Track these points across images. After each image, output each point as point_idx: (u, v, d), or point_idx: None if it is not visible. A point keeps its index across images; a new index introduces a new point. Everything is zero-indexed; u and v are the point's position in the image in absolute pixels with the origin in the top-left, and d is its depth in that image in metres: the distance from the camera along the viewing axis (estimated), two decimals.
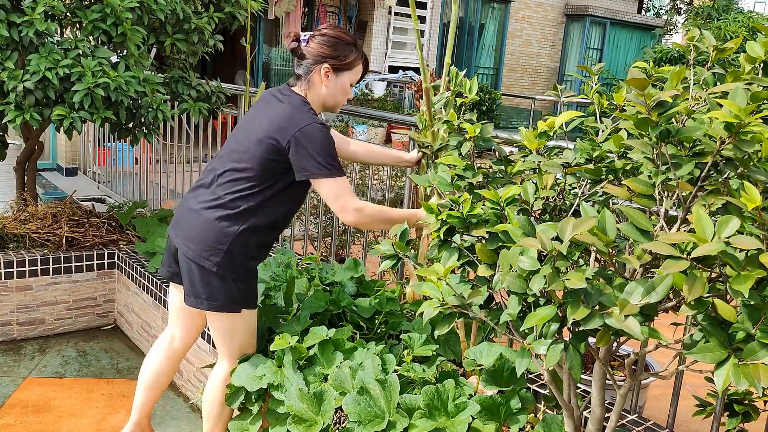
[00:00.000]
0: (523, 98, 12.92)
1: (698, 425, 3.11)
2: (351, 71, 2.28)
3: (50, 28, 3.39)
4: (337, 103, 2.32)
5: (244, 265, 2.25)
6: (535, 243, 1.33)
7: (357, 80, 2.34)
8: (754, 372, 1.17)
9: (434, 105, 2.37)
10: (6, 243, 3.88)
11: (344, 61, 2.24)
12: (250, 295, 2.31)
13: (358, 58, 2.28)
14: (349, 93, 2.32)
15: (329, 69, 2.23)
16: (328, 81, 2.24)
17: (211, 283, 2.23)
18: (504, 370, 2.13)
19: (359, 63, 2.29)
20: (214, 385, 2.42)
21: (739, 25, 10.97)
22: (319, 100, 2.28)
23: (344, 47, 2.24)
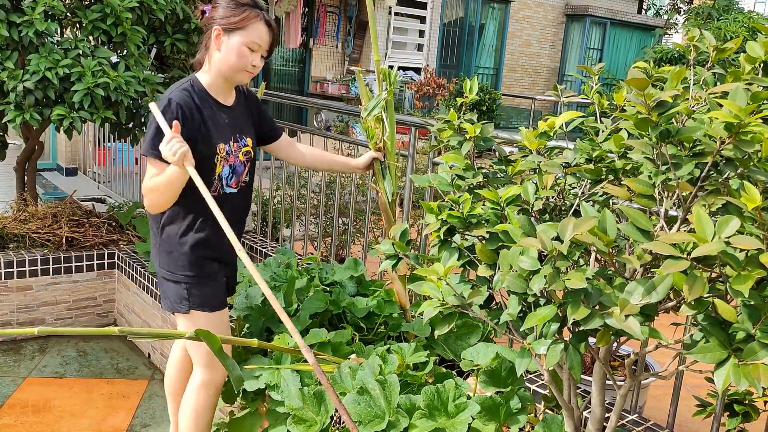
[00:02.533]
0: (523, 98, 12.92)
1: (698, 425, 3.11)
2: (244, 30, 2.11)
3: (50, 28, 3.39)
4: (234, 69, 2.14)
5: (177, 264, 2.19)
6: (535, 243, 1.33)
7: (260, 45, 2.15)
8: (754, 372, 1.17)
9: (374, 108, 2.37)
10: (6, 243, 3.88)
11: (233, 19, 2.10)
12: (201, 297, 2.20)
13: (251, 16, 2.12)
14: (246, 58, 2.13)
15: (219, 30, 2.11)
16: (219, 44, 2.12)
17: (162, 285, 2.26)
18: (502, 370, 2.13)
19: (254, 21, 2.12)
20: (188, 393, 2.32)
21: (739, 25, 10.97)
22: (216, 68, 2.16)
23: (236, 8, 2.12)
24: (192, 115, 2.12)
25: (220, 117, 2.21)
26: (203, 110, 2.16)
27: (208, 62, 2.19)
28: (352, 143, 3.92)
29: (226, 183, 2.24)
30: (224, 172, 2.22)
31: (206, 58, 2.20)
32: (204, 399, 2.30)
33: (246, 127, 2.32)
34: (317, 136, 4.03)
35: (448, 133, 1.85)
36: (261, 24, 2.15)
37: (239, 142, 2.26)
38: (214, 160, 2.18)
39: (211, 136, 2.17)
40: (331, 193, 4.50)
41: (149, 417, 3.12)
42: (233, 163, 2.24)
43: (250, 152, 2.31)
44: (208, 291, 2.23)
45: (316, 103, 4.98)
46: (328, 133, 3.85)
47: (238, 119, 2.29)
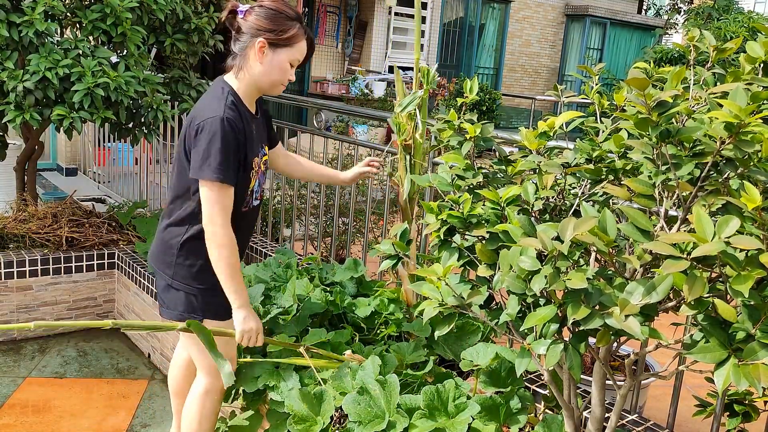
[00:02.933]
0: (523, 98, 12.92)
1: (698, 425, 3.11)
2: (290, 48, 2.04)
3: (50, 28, 3.39)
4: (273, 84, 2.09)
5: (195, 276, 2.13)
6: (535, 243, 1.33)
7: (300, 61, 2.10)
8: (754, 372, 1.17)
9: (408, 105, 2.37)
10: (6, 243, 3.88)
11: (282, 36, 2.02)
12: (212, 305, 2.16)
13: (300, 34, 2.05)
14: (287, 73, 2.08)
15: (264, 44, 2.01)
16: (263, 57, 2.03)
17: (169, 293, 2.17)
18: (502, 370, 2.13)
19: (301, 40, 2.06)
20: (191, 399, 2.29)
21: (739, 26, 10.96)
22: (253, 79, 2.08)
23: (284, 21, 2.03)
24: (239, 132, 2.03)
25: (251, 129, 2.13)
26: (245, 123, 2.07)
27: (244, 71, 2.08)
28: (352, 143, 3.92)
29: (254, 197, 2.21)
30: (255, 187, 2.19)
31: (241, 66, 2.08)
32: (209, 406, 2.28)
33: (264, 136, 2.28)
34: (317, 136, 4.03)
35: (448, 133, 1.85)
36: (305, 41, 2.09)
37: (260, 151, 2.21)
38: (250, 175, 2.13)
39: (252, 150, 2.11)
40: (331, 193, 4.50)
41: (149, 417, 3.12)
42: (260, 176, 2.21)
43: (267, 161, 2.30)
44: (221, 301, 2.12)
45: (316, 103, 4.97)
46: (328, 133, 3.85)
47: (260, 129, 2.24)
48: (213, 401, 2.28)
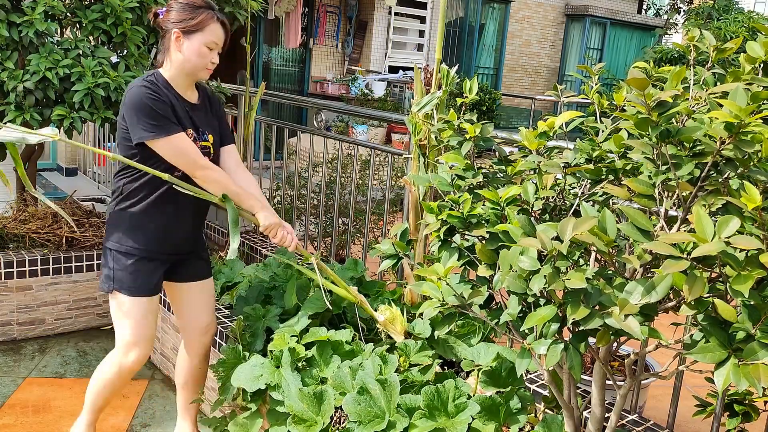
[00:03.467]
0: (523, 98, 12.91)
1: (698, 425, 3.11)
2: (202, 32, 2.26)
3: (50, 28, 3.39)
4: (196, 67, 2.30)
5: (119, 244, 2.36)
6: (535, 243, 1.33)
7: (218, 44, 2.31)
8: (754, 372, 1.17)
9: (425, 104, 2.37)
10: (6, 243, 3.88)
11: (191, 22, 2.25)
12: (125, 279, 2.35)
13: (208, 18, 2.27)
14: (206, 57, 2.29)
15: (179, 33, 2.26)
16: (180, 45, 2.27)
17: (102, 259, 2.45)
18: (502, 370, 2.13)
19: (211, 23, 2.27)
20: (103, 365, 2.50)
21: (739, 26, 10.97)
22: (179, 67, 2.31)
23: (192, 10, 2.26)
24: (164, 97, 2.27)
25: (182, 109, 2.34)
26: (170, 98, 2.30)
27: (169, 62, 2.33)
28: (352, 143, 3.92)
29: None
30: None
31: (167, 58, 2.33)
32: (109, 376, 2.47)
33: (208, 126, 2.44)
34: (317, 136, 4.03)
35: (448, 133, 1.85)
36: (217, 24, 2.30)
37: (199, 136, 2.39)
38: None
39: (181, 120, 2.30)
40: (331, 193, 4.50)
41: (149, 417, 3.12)
42: None
43: (208, 148, 2.41)
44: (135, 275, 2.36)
45: (316, 103, 4.97)
46: (328, 133, 3.85)
47: (201, 116, 2.42)
48: (121, 373, 2.46)
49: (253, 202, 2.34)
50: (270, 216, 2.36)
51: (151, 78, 2.30)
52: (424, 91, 2.51)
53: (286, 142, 4.52)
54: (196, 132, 2.38)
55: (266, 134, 6.86)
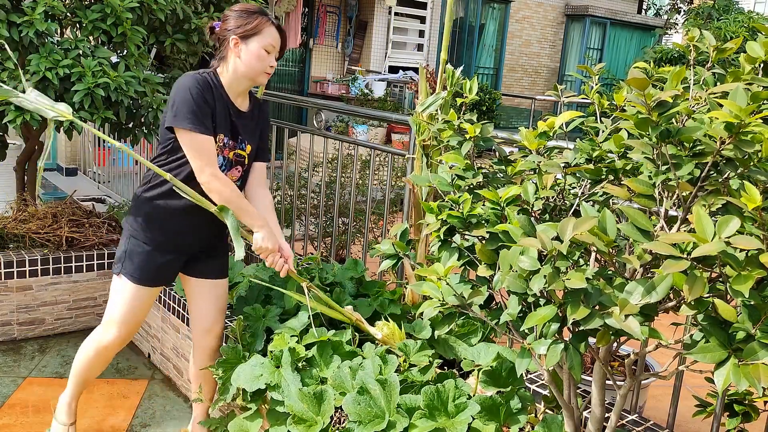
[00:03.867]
0: (523, 98, 12.92)
1: (698, 425, 3.11)
2: (259, 35, 2.31)
3: (50, 28, 3.39)
4: (255, 70, 2.33)
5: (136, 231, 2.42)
6: (535, 243, 1.33)
7: (275, 47, 2.35)
8: (754, 372, 1.17)
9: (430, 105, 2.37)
10: (6, 243, 3.88)
11: (248, 26, 2.30)
12: (133, 263, 2.41)
13: (263, 21, 2.32)
14: (266, 60, 2.33)
15: (237, 39, 2.31)
16: (239, 51, 2.32)
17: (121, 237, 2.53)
18: (502, 370, 2.13)
19: (266, 26, 2.32)
20: (87, 342, 2.59)
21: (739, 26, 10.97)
22: (238, 72, 2.34)
23: (246, 16, 2.32)
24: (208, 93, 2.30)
25: (228, 113, 2.37)
26: (216, 99, 2.32)
27: (225, 67, 2.36)
28: (352, 143, 3.92)
29: None
30: (218, 161, 2.35)
31: (223, 65, 2.36)
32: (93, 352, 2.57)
33: (250, 136, 2.47)
34: (317, 136, 4.03)
35: (448, 133, 1.85)
36: (272, 28, 2.35)
37: (237, 143, 2.41)
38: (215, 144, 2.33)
39: (218, 122, 2.33)
40: (331, 193, 4.50)
41: (149, 417, 3.12)
42: (226, 156, 2.39)
43: (243, 157, 2.44)
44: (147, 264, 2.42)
45: (316, 103, 4.98)
46: (328, 133, 3.86)
47: (244, 125, 2.44)
48: (98, 350, 2.56)
49: (254, 220, 2.33)
50: (268, 238, 2.34)
51: (207, 75, 2.34)
52: (428, 91, 2.51)
53: (286, 142, 4.52)
54: (235, 140, 2.40)
55: None
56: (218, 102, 2.33)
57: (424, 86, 2.55)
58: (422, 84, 2.56)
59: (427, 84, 2.56)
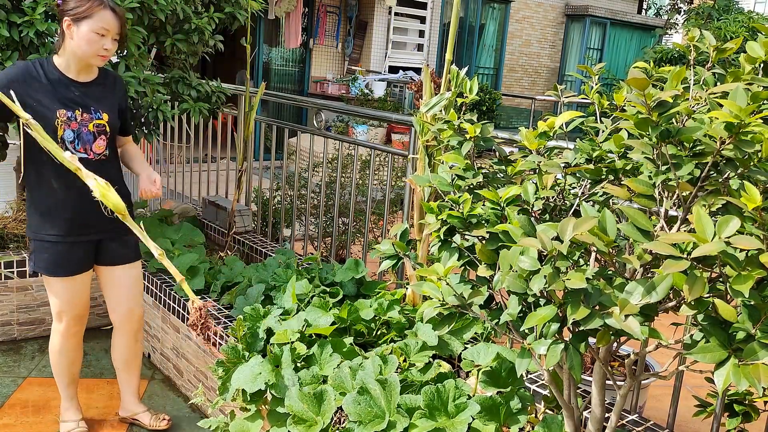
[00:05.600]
0: (523, 98, 12.92)
1: (698, 425, 3.11)
2: (91, 19, 2.41)
3: (50, 28, 3.39)
4: (86, 53, 2.45)
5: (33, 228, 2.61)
6: (535, 243, 1.33)
7: (108, 29, 2.44)
8: (755, 372, 1.17)
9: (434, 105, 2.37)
10: (6, 243, 3.88)
11: (79, 9, 2.40)
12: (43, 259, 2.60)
13: (95, 5, 2.41)
14: (95, 42, 2.43)
15: (69, 21, 2.42)
16: (71, 33, 2.43)
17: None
18: (502, 370, 2.13)
19: (98, 9, 2.41)
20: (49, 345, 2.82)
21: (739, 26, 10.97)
22: (71, 53, 2.47)
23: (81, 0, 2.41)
24: (26, 79, 2.44)
25: (67, 89, 2.51)
26: (45, 81, 2.47)
27: (63, 47, 2.49)
28: (352, 143, 3.92)
29: (74, 147, 2.54)
30: (67, 136, 2.51)
31: (61, 44, 2.49)
32: (55, 342, 2.78)
33: (102, 104, 2.60)
34: (317, 136, 4.03)
35: (448, 133, 1.85)
36: (106, 11, 2.44)
37: (91, 114, 2.56)
38: (54, 123, 2.47)
39: (50, 102, 2.46)
40: (331, 193, 4.50)
41: None
42: (77, 130, 2.52)
43: (103, 125, 2.59)
44: (43, 256, 2.59)
45: (316, 103, 4.98)
46: (328, 133, 3.85)
47: (93, 94, 2.58)
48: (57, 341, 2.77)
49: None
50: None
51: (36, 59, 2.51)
52: (432, 92, 2.51)
53: (286, 142, 4.52)
54: (87, 110, 2.54)
55: (266, 134, 6.86)
56: (52, 80, 2.46)
57: (428, 86, 2.55)
58: (426, 84, 2.56)
59: (431, 84, 2.56)
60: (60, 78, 2.50)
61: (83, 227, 2.62)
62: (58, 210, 2.56)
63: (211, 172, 5.26)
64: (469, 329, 2.47)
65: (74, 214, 2.58)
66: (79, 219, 2.59)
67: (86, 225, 2.62)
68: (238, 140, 4.17)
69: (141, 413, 2.99)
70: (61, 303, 2.68)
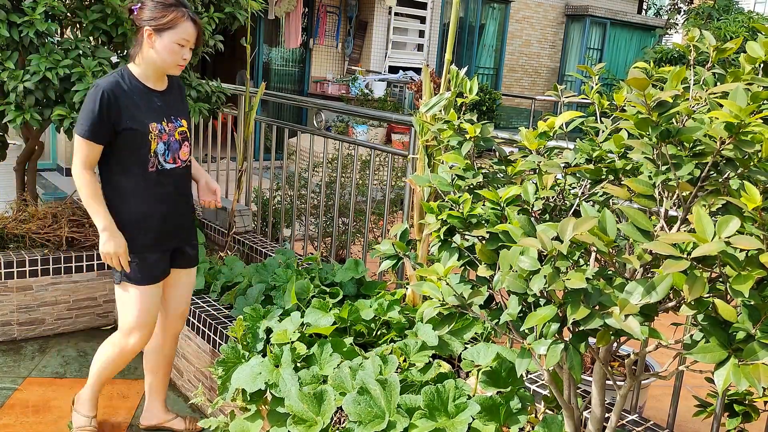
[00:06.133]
0: (523, 98, 12.91)
1: (698, 425, 3.11)
2: (173, 30, 2.38)
3: (50, 28, 3.39)
4: (167, 63, 2.43)
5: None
6: (535, 243, 1.33)
7: (188, 39, 2.42)
8: (754, 372, 1.17)
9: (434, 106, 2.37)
10: (6, 243, 3.88)
11: (162, 20, 2.36)
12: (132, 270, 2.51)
13: (180, 17, 2.38)
14: (177, 53, 2.41)
15: (151, 31, 2.38)
16: (152, 43, 2.39)
17: None
18: (502, 370, 2.13)
19: (182, 21, 2.39)
20: (102, 347, 2.72)
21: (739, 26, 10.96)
22: (150, 62, 2.44)
23: (162, 8, 2.37)
24: (118, 98, 2.38)
25: (151, 101, 2.48)
26: (132, 95, 2.43)
27: (141, 57, 2.45)
28: (352, 143, 3.92)
29: (164, 159, 2.51)
30: (159, 149, 2.48)
31: (138, 53, 2.45)
32: (112, 355, 2.67)
33: (179, 110, 2.61)
34: (317, 136, 4.03)
35: (448, 133, 1.85)
36: (188, 22, 2.41)
37: (174, 123, 2.55)
38: (147, 137, 2.45)
39: (143, 116, 2.44)
40: (331, 193, 4.50)
41: None
42: (167, 141, 2.50)
43: (185, 132, 2.59)
44: (136, 265, 2.51)
45: (316, 103, 4.98)
46: (328, 133, 3.85)
47: (172, 102, 2.57)
48: (122, 354, 2.65)
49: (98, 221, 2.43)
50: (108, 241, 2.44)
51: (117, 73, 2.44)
52: (432, 92, 2.51)
53: (286, 142, 4.52)
54: (170, 118, 2.52)
55: (266, 134, 6.86)
56: (136, 95, 2.43)
57: (428, 86, 2.55)
58: (426, 84, 2.56)
59: (431, 84, 2.56)
60: (144, 89, 2.48)
61: (171, 235, 2.61)
62: (151, 220, 2.52)
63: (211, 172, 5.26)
64: (469, 329, 2.48)
65: (165, 223, 2.56)
66: (169, 227, 2.58)
67: (173, 233, 2.61)
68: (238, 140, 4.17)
69: (172, 420, 2.93)
70: (140, 314, 2.57)
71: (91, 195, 2.41)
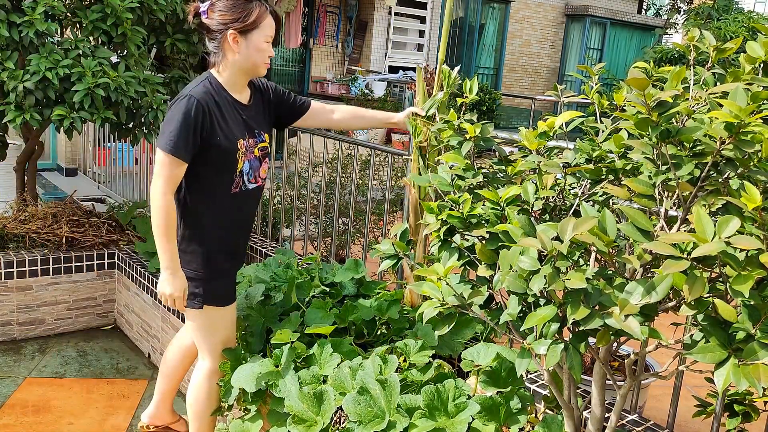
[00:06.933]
0: (523, 98, 12.91)
1: (698, 425, 3.11)
2: (259, 29, 2.18)
3: (50, 28, 3.39)
4: (256, 65, 2.23)
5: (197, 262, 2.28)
6: (535, 243, 1.33)
7: (272, 35, 2.24)
8: (754, 372, 1.17)
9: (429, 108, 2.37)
10: (6, 243, 3.88)
11: (248, 20, 2.15)
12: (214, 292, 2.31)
13: (263, 12, 2.18)
14: (266, 51, 2.23)
15: (236, 34, 2.16)
16: (238, 46, 2.18)
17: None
18: (502, 370, 2.13)
19: (265, 17, 2.19)
20: (200, 381, 2.46)
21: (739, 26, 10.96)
22: (237, 67, 2.22)
23: (243, 7, 2.16)
24: (212, 111, 2.17)
25: (237, 114, 2.27)
26: (222, 107, 2.21)
27: (224, 63, 2.22)
28: (352, 143, 3.92)
29: (248, 179, 2.31)
30: (245, 168, 2.28)
31: (221, 59, 2.22)
32: (214, 386, 2.47)
33: (262, 123, 2.39)
34: (317, 136, 4.03)
35: (448, 133, 1.85)
36: (270, 17, 2.22)
37: (256, 138, 2.33)
38: (235, 155, 2.24)
39: (232, 131, 2.22)
40: (331, 193, 4.50)
41: None
42: (251, 159, 2.31)
43: (266, 148, 2.39)
44: (221, 286, 2.34)
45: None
46: (328, 133, 3.85)
47: (254, 116, 2.36)
48: (214, 385, 2.46)
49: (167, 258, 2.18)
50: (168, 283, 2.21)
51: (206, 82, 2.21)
52: (425, 92, 2.51)
53: (286, 142, 4.51)
54: (253, 136, 2.31)
55: None
56: (225, 107, 2.22)
57: (421, 87, 2.55)
58: (420, 85, 2.56)
59: (424, 85, 2.56)
60: (232, 101, 2.26)
61: (243, 251, 2.48)
62: (233, 236, 2.36)
63: None
64: (469, 329, 2.47)
65: (242, 239, 2.43)
66: (244, 242, 2.45)
67: (244, 249, 2.49)
68: None
69: (176, 422, 2.84)
70: (226, 332, 2.42)
71: (166, 227, 2.15)
